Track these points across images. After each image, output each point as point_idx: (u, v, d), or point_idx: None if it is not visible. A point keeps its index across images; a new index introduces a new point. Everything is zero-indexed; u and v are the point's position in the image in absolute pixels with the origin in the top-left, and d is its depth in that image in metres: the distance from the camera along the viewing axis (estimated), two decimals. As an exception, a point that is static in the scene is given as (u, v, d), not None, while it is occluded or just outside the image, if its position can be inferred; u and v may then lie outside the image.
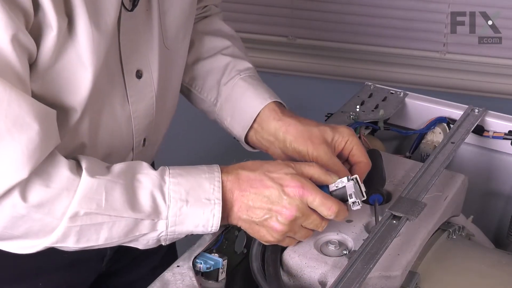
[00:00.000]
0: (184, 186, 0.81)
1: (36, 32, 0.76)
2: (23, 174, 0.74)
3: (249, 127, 1.01)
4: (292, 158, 0.97)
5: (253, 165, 0.86)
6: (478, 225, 1.08)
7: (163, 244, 0.84)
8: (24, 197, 0.75)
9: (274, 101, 1.01)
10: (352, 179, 0.85)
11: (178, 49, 1.00)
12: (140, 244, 0.84)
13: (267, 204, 0.83)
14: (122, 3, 0.85)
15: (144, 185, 0.81)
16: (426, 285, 0.87)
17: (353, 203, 0.85)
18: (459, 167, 1.15)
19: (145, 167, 0.83)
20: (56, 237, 0.78)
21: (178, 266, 0.82)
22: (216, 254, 0.85)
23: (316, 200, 0.83)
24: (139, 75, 0.92)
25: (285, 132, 0.97)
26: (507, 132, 1.13)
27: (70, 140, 0.87)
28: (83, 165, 0.79)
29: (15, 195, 0.74)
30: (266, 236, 0.84)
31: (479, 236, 1.07)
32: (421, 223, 0.90)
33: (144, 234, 0.82)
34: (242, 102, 1.03)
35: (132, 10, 0.87)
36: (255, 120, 1.01)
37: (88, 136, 0.89)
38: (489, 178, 1.18)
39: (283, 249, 0.87)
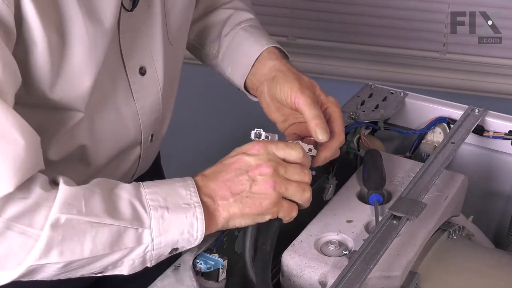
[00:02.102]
0: (160, 194, 0.79)
1: (24, 47, 0.76)
2: (9, 187, 0.71)
3: (247, 75, 1.01)
4: (268, 104, 0.97)
5: (210, 167, 0.85)
6: (478, 225, 1.08)
7: (149, 264, 0.80)
8: (1, 211, 0.71)
9: (273, 46, 1.01)
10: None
11: (180, 43, 1.01)
12: (126, 266, 0.79)
13: (242, 174, 0.81)
14: (122, 4, 0.85)
15: (121, 196, 0.78)
16: (426, 285, 0.87)
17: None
18: (459, 167, 1.15)
19: (118, 182, 0.80)
20: (39, 251, 0.73)
21: (178, 266, 0.82)
22: (216, 254, 0.85)
23: (279, 145, 0.83)
24: (142, 71, 0.93)
25: (278, 70, 0.97)
26: (507, 132, 1.13)
27: (67, 143, 0.87)
28: (60, 178, 0.76)
29: None
30: (263, 203, 0.81)
31: (479, 236, 1.07)
32: (421, 223, 0.90)
33: (131, 250, 0.77)
34: (241, 51, 1.03)
35: (131, 10, 0.87)
36: (253, 65, 1.00)
37: (89, 137, 0.89)
38: (489, 178, 1.18)
39: (280, 249, 0.87)
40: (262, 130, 0.86)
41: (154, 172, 1.12)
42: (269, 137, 0.87)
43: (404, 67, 2.05)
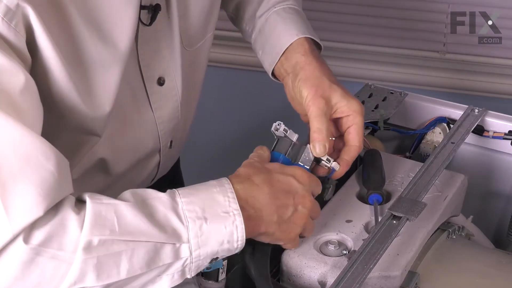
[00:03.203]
0: (198, 204, 0.75)
1: (39, 76, 0.75)
2: (38, 212, 0.68)
3: (275, 64, 1.00)
4: (292, 97, 0.97)
5: (253, 168, 0.83)
6: (478, 225, 1.08)
7: (188, 276, 0.77)
8: (29, 237, 0.68)
9: (305, 37, 1.00)
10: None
11: (200, 47, 1.00)
12: (165, 281, 0.75)
13: (289, 198, 0.82)
14: (140, 19, 0.84)
15: (156, 209, 0.74)
16: (426, 285, 0.87)
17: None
18: (459, 167, 1.15)
19: (152, 192, 0.77)
20: (74, 276, 0.69)
21: (178, 266, 0.82)
22: (216, 254, 0.84)
23: (316, 181, 0.86)
24: (161, 82, 0.92)
25: (302, 68, 0.96)
26: (507, 132, 1.13)
27: (85, 161, 0.87)
28: (86, 196, 0.73)
29: (20, 238, 0.68)
30: (291, 233, 0.83)
31: (479, 236, 1.07)
32: (421, 223, 0.90)
33: (168, 265, 0.74)
34: (271, 37, 1.02)
35: (150, 24, 0.86)
36: (282, 54, 1.00)
37: (106, 152, 0.89)
38: (489, 178, 1.18)
39: (280, 249, 0.87)
40: (282, 123, 0.88)
41: (173, 174, 1.12)
42: (288, 131, 0.89)
43: (404, 67, 2.05)
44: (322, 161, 0.90)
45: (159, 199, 0.75)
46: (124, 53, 0.82)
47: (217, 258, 0.78)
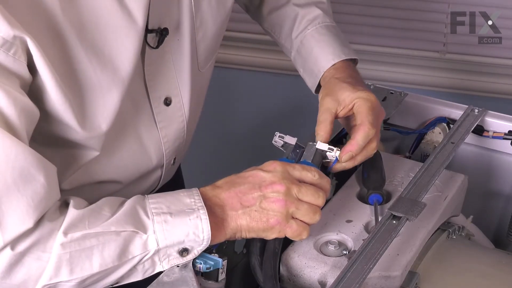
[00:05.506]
0: (164, 203, 0.80)
1: (37, 95, 0.77)
2: (29, 224, 0.74)
3: (317, 84, 1.05)
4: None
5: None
6: (478, 225, 1.08)
7: (161, 268, 0.81)
8: (16, 245, 0.74)
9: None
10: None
11: (209, 67, 1.01)
12: (139, 272, 0.81)
13: (255, 188, 0.82)
14: (146, 41, 0.85)
15: (127, 205, 0.80)
16: (426, 285, 0.87)
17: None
18: (459, 167, 1.15)
19: (125, 199, 0.83)
20: (49, 271, 0.75)
21: (177, 266, 0.82)
22: (216, 254, 0.85)
23: (296, 166, 0.85)
24: (167, 102, 0.93)
25: (325, 84, 1.02)
26: (507, 132, 1.13)
27: (81, 176, 0.88)
28: (71, 200, 0.79)
29: (8, 247, 0.74)
30: (270, 220, 0.82)
31: (479, 236, 1.07)
32: (421, 223, 0.90)
33: (139, 258, 0.79)
34: (309, 61, 1.07)
35: (157, 47, 0.87)
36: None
37: (106, 170, 0.89)
38: (489, 178, 1.18)
39: (283, 249, 0.87)
40: (278, 132, 0.92)
41: (174, 179, 1.12)
42: (284, 137, 0.90)
43: (404, 67, 2.05)
44: (326, 152, 0.91)
45: (131, 199, 0.81)
46: (125, 76, 0.83)
47: (187, 250, 0.80)
